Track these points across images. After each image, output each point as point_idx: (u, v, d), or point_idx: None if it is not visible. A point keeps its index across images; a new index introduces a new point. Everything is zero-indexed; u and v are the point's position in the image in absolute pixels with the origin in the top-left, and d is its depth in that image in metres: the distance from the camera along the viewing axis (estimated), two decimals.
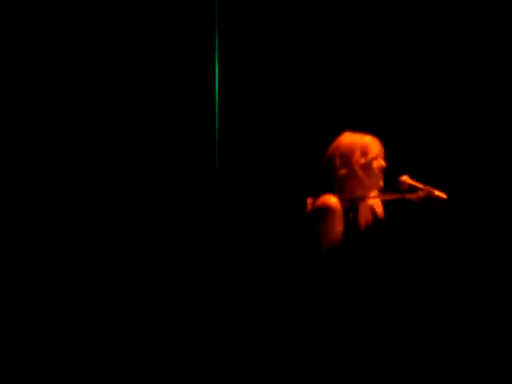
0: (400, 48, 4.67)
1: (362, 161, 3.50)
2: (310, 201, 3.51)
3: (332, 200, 3.42)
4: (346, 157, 3.50)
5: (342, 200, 3.44)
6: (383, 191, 3.57)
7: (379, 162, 3.52)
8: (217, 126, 4.47)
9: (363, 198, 3.50)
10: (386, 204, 3.58)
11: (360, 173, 3.49)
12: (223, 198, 4.50)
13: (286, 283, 3.73)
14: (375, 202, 3.54)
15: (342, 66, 4.66)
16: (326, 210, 3.40)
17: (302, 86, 4.67)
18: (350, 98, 4.63)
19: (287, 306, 3.67)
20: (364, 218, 3.47)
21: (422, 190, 3.52)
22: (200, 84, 4.52)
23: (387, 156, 3.60)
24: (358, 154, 3.50)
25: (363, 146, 3.52)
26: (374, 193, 3.53)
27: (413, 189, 3.54)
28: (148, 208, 4.48)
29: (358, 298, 3.38)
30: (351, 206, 3.46)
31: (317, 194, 3.49)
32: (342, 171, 3.49)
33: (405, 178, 3.55)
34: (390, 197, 3.56)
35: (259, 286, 4.42)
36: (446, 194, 3.50)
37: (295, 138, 4.61)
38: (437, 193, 3.50)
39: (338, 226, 3.39)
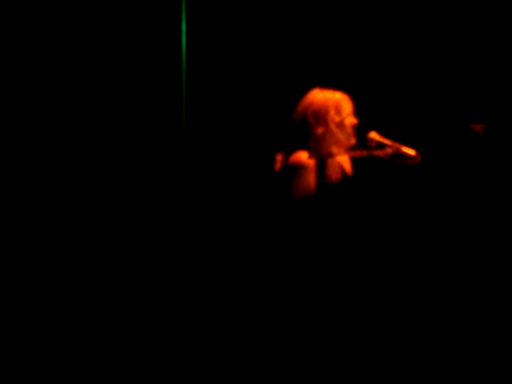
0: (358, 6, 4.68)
1: (337, 119, 3.50)
2: (279, 157, 3.50)
3: (305, 157, 3.42)
4: (321, 115, 3.49)
5: (313, 157, 3.44)
6: (351, 148, 3.57)
7: (351, 120, 3.53)
8: (184, 82, 4.44)
9: (331, 155, 3.50)
10: (354, 161, 3.58)
11: (335, 130, 3.49)
12: (191, 155, 4.48)
13: (257, 238, 3.74)
14: (343, 159, 3.53)
15: (311, 23, 4.64)
16: (300, 167, 3.40)
17: (270, 43, 4.64)
18: (317, 55, 4.62)
19: (257, 261, 3.68)
20: (333, 175, 3.46)
21: (390, 146, 3.52)
22: (167, 41, 4.49)
23: (356, 112, 3.60)
24: (332, 111, 3.49)
25: (336, 103, 3.51)
26: (342, 149, 3.53)
27: (381, 145, 3.54)
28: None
29: (326, 257, 3.40)
30: (321, 162, 3.46)
31: (287, 151, 3.49)
32: (319, 129, 3.48)
33: (373, 135, 3.55)
34: (358, 154, 3.57)
35: (231, 245, 4.43)
36: (415, 150, 3.51)
37: (263, 95, 4.60)
38: (405, 150, 3.51)
39: (311, 183, 3.39)
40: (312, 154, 3.45)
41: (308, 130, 3.49)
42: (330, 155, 3.49)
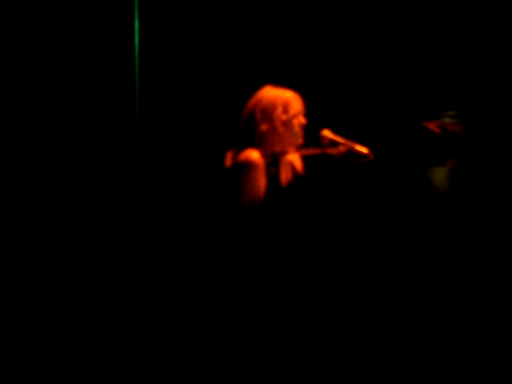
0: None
1: (284, 117, 3.48)
2: (229, 154, 3.47)
3: (254, 155, 3.39)
4: (268, 112, 3.47)
5: (263, 155, 3.42)
6: (304, 146, 3.55)
7: (300, 120, 3.51)
8: (137, 83, 4.40)
9: (284, 153, 3.48)
10: (306, 159, 3.57)
11: (281, 129, 3.47)
12: (143, 152, 4.44)
13: (208, 238, 3.71)
14: (294, 158, 3.52)
15: (264, 20, 4.63)
16: (249, 164, 3.37)
17: (221, 41, 4.62)
18: (269, 52, 4.60)
19: (207, 261, 3.66)
20: (284, 173, 3.45)
21: (343, 144, 3.51)
22: (120, 39, 4.45)
23: (308, 110, 3.58)
24: (279, 109, 3.47)
25: (285, 101, 3.49)
26: (289, 148, 3.51)
27: (334, 143, 3.53)
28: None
29: (278, 254, 3.38)
30: (272, 161, 3.44)
31: (237, 147, 3.46)
32: (263, 126, 3.46)
33: (326, 133, 3.53)
34: (311, 152, 3.55)
35: (181, 244, 4.40)
36: (368, 148, 3.50)
37: (214, 91, 4.57)
38: (358, 148, 3.50)
39: (261, 181, 3.37)
40: (262, 151, 3.42)
41: (254, 127, 3.47)
42: (281, 154, 3.47)
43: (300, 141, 3.51)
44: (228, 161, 3.45)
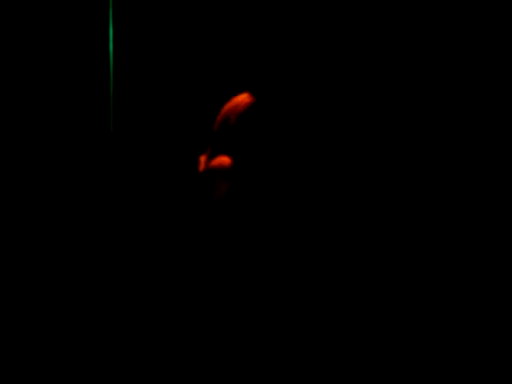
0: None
1: None
2: (203, 159, 3.51)
3: (227, 161, 3.44)
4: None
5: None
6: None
7: None
8: (111, 84, 4.42)
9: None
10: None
11: None
12: (116, 155, 4.46)
13: (180, 240, 3.75)
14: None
15: (243, 23, 4.66)
16: (222, 171, 3.42)
17: (196, 46, 4.65)
18: (246, 58, 4.64)
19: (180, 262, 3.69)
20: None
21: None
22: (94, 41, 4.46)
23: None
24: None
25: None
26: None
27: None
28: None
29: (248, 252, 3.41)
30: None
31: (210, 153, 3.50)
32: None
33: None
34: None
35: (154, 246, 4.42)
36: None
37: (190, 95, 4.61)
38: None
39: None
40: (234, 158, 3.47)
41: (228, 133, 3.51)
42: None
43: None
44: (201, 166, 3.49)
